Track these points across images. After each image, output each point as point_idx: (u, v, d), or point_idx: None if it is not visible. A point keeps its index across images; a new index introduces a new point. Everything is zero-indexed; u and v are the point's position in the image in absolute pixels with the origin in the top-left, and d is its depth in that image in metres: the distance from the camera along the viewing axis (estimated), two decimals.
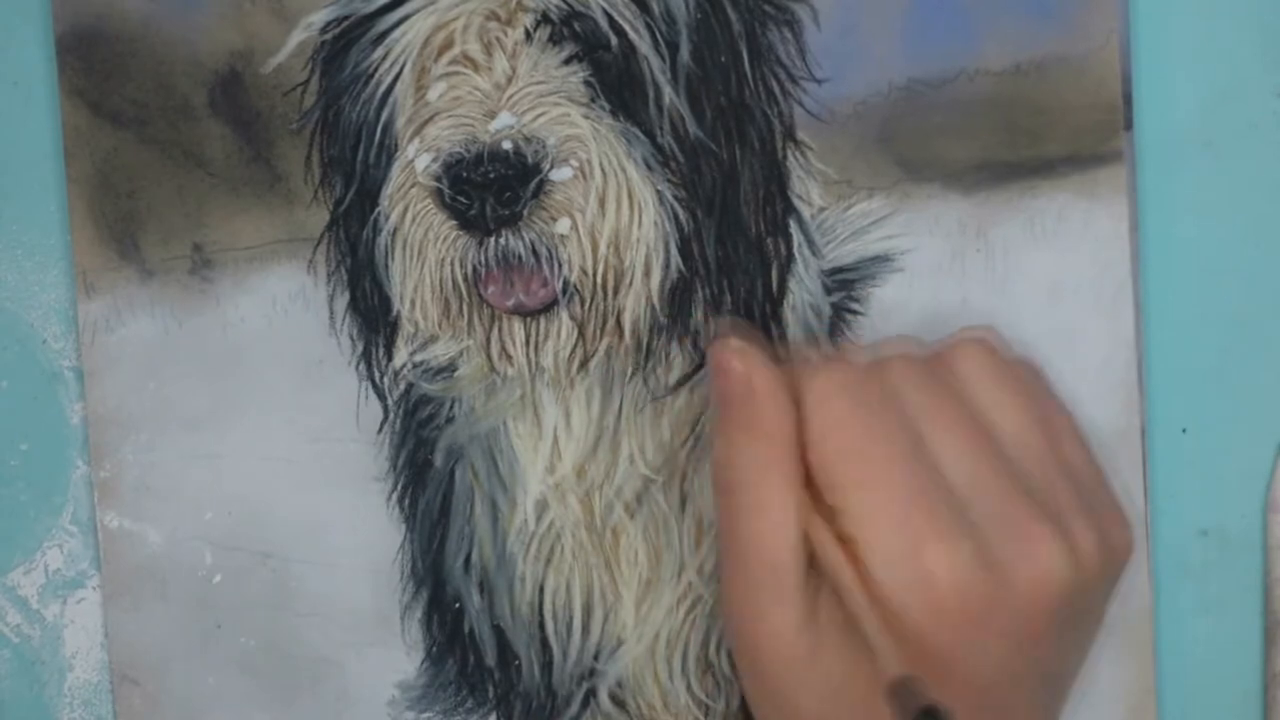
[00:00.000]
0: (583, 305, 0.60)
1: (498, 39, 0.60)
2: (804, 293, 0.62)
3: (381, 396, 0.63)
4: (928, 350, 0.55)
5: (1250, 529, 0.63)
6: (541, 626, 0.64)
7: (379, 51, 0.61)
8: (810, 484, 0.52)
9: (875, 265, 0.62)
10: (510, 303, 0.61)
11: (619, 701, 0.64)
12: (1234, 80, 0.63)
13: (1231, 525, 0.63)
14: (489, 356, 0.62)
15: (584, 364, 0.62)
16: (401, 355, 0.63)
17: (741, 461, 0.53)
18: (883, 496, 0.51)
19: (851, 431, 0.52)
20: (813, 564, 0.52)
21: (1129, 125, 0.62)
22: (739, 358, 0.53)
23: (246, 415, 0.63)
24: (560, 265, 0.60)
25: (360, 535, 0.63)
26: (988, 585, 0.50)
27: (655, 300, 0.61)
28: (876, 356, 0.54)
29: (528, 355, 0.61)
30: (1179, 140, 0.63)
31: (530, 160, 0.59)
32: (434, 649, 0.64)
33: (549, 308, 0.61)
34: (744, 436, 0.53)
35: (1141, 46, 0.62)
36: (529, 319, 0.61)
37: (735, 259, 0.61)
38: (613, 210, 0.60)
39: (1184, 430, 0.63)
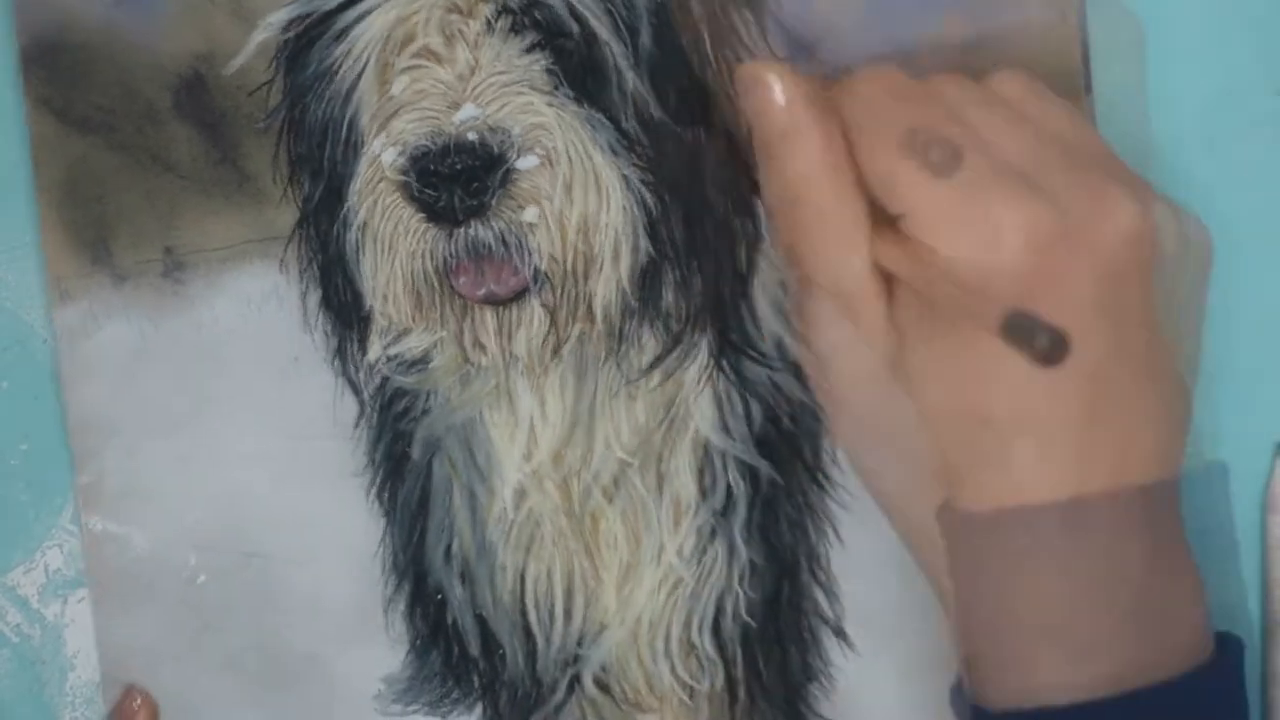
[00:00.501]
0: (554, 292, 0.61)
1: (459, 31, 0.60)
2: (773, 270, 0.62)
3: (357, 391, 0.63)
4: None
5: (1250, 529, 0.63)
6: (524, 614, 0.64)
7: (341, 48, 0.61)
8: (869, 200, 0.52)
9: None
10: (481, 292, 0.61)
11: (604, 686, 0.64)
12: (1234, 80, 0.63)
13: (1231, 525, 0.63)
14: (462, 347, 0.62)
15: (557, 351, 0.62)
16: (375, 349, 0.63)
17: (791, 173, 0.52)
18: (944, 183, 0.50)
19: (901, 125, 0.51)
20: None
21: (1089, 89, 0.62)
22: (770, 73, 0.53)
23: (224, 415, 0.64)
24: (530, 253, 0.60)
25: (341, 530, 0.64)
26: (1068, 242, 0.50)
27: (625, 284, 0.61)
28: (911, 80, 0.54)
29: (501, 344, 0.62)
30: (1178, 140, 0.63)
31: (496, 150, 0.59)
32: (418, 641, 0.64)
33: (520, 296, 0.61)
34: (788, 147, 0.52)
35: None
36: (501, 308, 0.61)
37: (703, 240, 0.61)
38: (580, 196, 0.60)
39: None
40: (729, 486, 0.63)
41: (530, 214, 0.59)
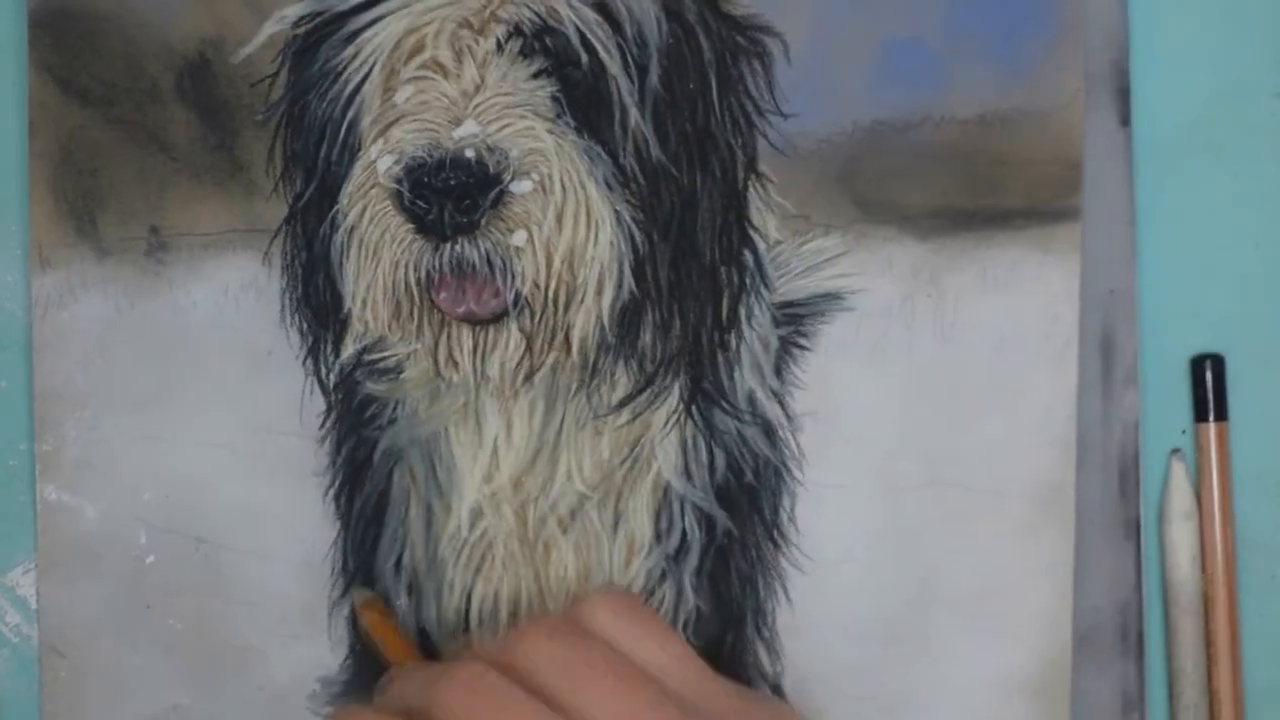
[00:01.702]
0: (532, 318, 0.61)
1: (469, 47, 0.60)
2: (753, 324, 0.62)
3: (326, 392, 0.63)
4: (557, 616, 0.57)
5: (1149, 534, 0.64)
6: (467, 633, 0.64)
7: (350, 50, 0.61)
8: None
9: (826, 302, 0.63)
10: (461, 310, 0.61)
11: None
12: (1234, 80, 0.63)
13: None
14: (436, 362, 0.62)
15: (529, 376, 0.62)
16: (349, 353, 0.63)
17: None
18: None
19: None
20: None
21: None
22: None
23: (191, 400, 0.64)
24: (513, 277, 0.60)
25: (295, 528, 0.64)
26: None
27: (605, 319, 0.61)
28: (501, 643, 0.56)
29: (474, 363, 0.62)
30: (1179, 140, 0.63)
31: (491, 170, 0.59)
32: (358, 647, 0.64)
33: (499, 318, 0.61)
34: None
35: (1141, 46, 0.63)
36: (478, 327, 0.61)
37: (688, 284, 0.62)
38: (570, 226, 0.60)
39: (1183, 431, 0.64)
40: (684, 532, 0.63)
41: (518, 238, 0.59)
